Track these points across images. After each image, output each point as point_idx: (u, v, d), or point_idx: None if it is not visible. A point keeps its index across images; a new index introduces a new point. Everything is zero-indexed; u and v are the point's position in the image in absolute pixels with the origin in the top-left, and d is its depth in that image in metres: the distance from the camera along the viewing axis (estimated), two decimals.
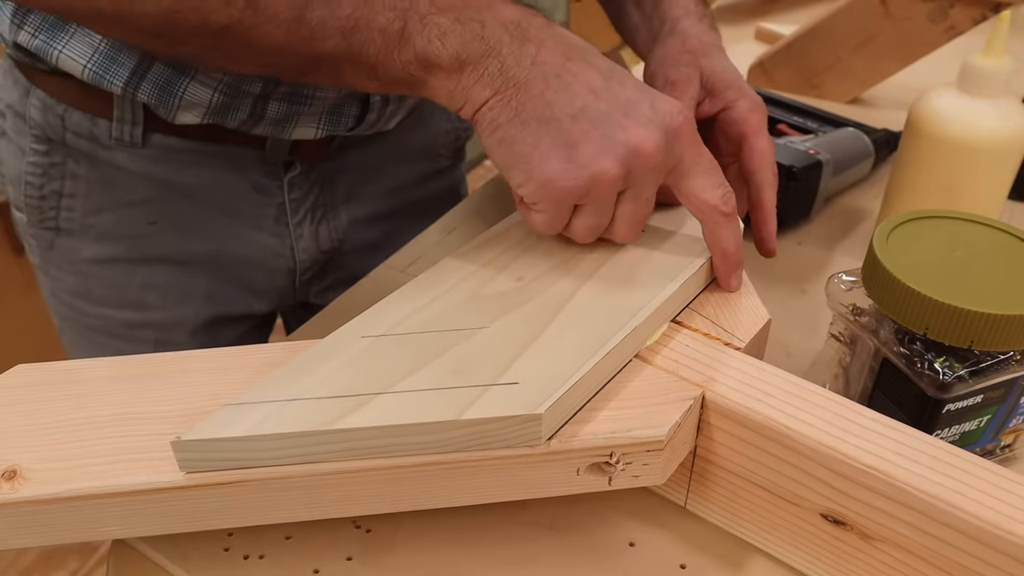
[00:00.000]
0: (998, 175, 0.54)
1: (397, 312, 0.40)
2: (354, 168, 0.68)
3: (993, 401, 0.40)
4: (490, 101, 0.40)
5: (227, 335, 0.71)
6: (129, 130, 0.59)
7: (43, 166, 0.61)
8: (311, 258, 0.69)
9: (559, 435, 0.35)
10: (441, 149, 0.75)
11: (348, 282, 0.72)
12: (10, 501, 0.33)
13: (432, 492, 0.35)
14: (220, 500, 0.35)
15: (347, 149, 0.66)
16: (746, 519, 0.39)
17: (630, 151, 0.38)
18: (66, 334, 0.72)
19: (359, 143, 0.67)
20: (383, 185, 0.71)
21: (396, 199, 0.73)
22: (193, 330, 0.69)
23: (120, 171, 0.61)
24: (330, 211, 0.68)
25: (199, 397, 0.38)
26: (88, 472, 0.34)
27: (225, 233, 0.65)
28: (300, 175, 0.65)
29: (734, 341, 0.40)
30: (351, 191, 0.69)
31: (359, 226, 0.71)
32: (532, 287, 0.41)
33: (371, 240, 0.72)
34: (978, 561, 0.32)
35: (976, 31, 0.74)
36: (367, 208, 0.71)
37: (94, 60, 0.54)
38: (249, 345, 0.41)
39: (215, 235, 0.65)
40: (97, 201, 0.62)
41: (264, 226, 0.66)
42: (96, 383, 0.39)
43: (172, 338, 0.69)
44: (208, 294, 0.68)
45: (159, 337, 0.69)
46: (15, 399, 0.38)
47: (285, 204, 0.65)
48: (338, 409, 0.34)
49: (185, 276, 0.66)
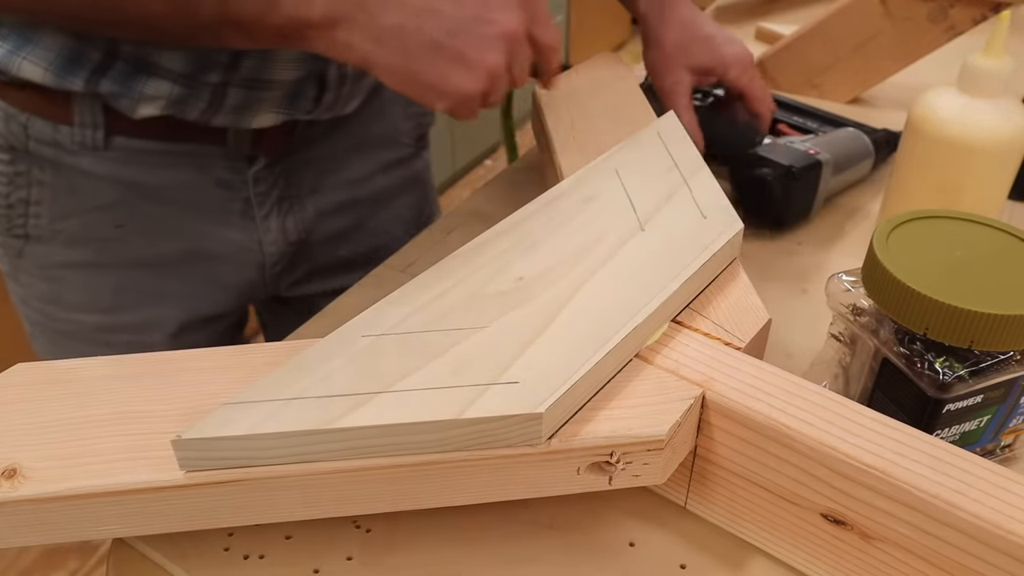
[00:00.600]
0: (998, 175, 0.54)
1: (397, 312, 0.40)
2: (317, 160, 0.69)
3: (993, 401, 0.40)
4: (374, 51, 0.46)
5: (202, 336, 0.72)
6: (91, 134, 0.59)
7: (8, 175, 0.61)
8: (280, 251, 0.70)
9: (559, 434, 0.35)
10: (403, 137, 0.76)
11: (318, 273, 0.75)
12: (10, 499, 0.33)
13: (432, 491, 0.35)
14: (220, 499, 0.35)
15: (309, 141, 0.67)
16: (746, 519, 0.39)
17: (506, 39, 0.47)
18: (38, 340, 0.72)
19: (321, 135, 0.68)
20: (347, 175, 0.72)
21: (360, 188, 0.74)
22: (166, 332, 0.69)
23: (85, 176, 0.61)
24: (296, 203, 0.69)
25: (199, 396, 0.38)
26: (88, 471, 0.34)
27: (193, 232, 0.66)
28: (264, 169, 0.65)
29: (734, 341, 0.40)
30: (316, 182, 0.70)
31: (325, 217, 0.72)
32: (532, 287, 0.41)
33: (338, 230, 0.74)
34: (978, 561, 0.32)
35: (976, 31, 0.74)
36: (332, 198, 0.72)
37: (56, 63, 0.55)
38: (248, 344, 0.41)
39: (183, 234, 0.66)
40: (64, 207, 0.63)
41: (231, 222, 0.66)
42: (96, 382, 0.39)
43: (145, 340, 0.69)
44: (180, 295, 0.68)
45: (132, 340, 0.69)
46: (15, 398, 0.38)
47: (251, 199, 0.66)
48: (338, 408, 0.34)
49: (156, 278, 0.67)
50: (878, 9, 0.77)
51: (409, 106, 0.76)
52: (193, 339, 0.71)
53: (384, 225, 0.77)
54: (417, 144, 0.79)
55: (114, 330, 0.68)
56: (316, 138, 0.68)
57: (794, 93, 0.86)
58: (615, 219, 0.46)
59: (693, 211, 0.47)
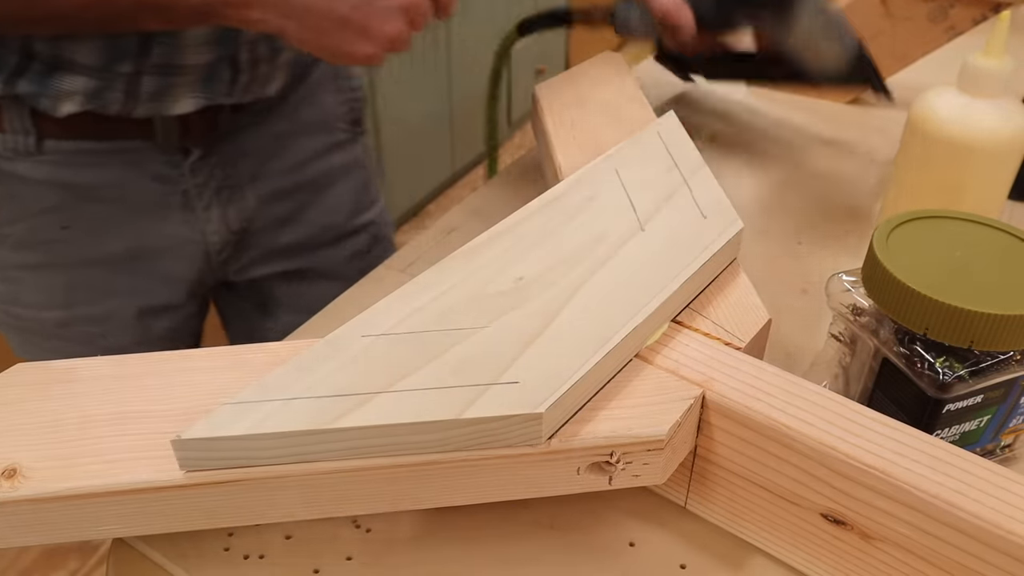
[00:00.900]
0: (998, 175, 0.54)
1: (397, 312, 0.40)
2: (252, 149, 0.70)
3: (993, 401, 0.40)
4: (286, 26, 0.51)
5: (160, 325, 0.74)
6: (23, 140, 0.60)
7: None
8: (223, 239, 0.72)
9: (559, 434, 0.35)
10: (337, 122, 0.78)
11: (264, 258, 0.77)
12: (10, 499, 0.33)
13: (432, 491, 0.35)
14: (220, 499, 0.35)
15: (241, 130, 0.68)
16: (746, 519, 0.39)
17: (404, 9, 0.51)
18: (10, 339, 0.74)
19: (251, 123, 0.69)
20: (283, 162, 0.73)
21: (298, 174, 0.75)
22: (124, 323, 0.72)
23: (24, 181, 0.63)
24: (235, 192, 0.71)
25: (199, 396, 0.38)
26: (88, 471, 0.34)
27: (136, 228, 0.67)
28: (199, 160, 0.67)
29: (734, 341, 0.40)
30: (253, 171, 0.71)
31: (266, 204, 0.73)
32: (532, 287, 0.41)
33: (280, 216, 0.75)
34: (978, 561, 0.32)
35: (976, 31, 0.74)
36: (271, 186, 0.73)
37: None
38: (248, 345, 0.41)
39: (127, 232, 0.67)
40: (9, 213, 0.64)
41: (172, 216, 0.68)
42: (95, 382, 0.39)
43: (106, 332, 0.71)
44: (131, 289, 0.70)
45: (93, 331, 0.71)
46: (15, 398, 0.38)
47: (189, 191, 0.67)
48: (338, 408, 0.34)
49: (107, 274, 0.69)
50: (878, 9, 0.77)
51: (340, 92, 0.77)
52: (153, 327, 0.73)
53: (326, 209, 0.79)
54: (353, 129, 0.80)
55: (74, 324, 0.71)
56: (247, 126, 0.69)
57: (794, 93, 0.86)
58: (615, 219, 0.46)
59: (693, 211, 0.47)
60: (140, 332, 0.73)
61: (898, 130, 0.58)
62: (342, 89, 0.77)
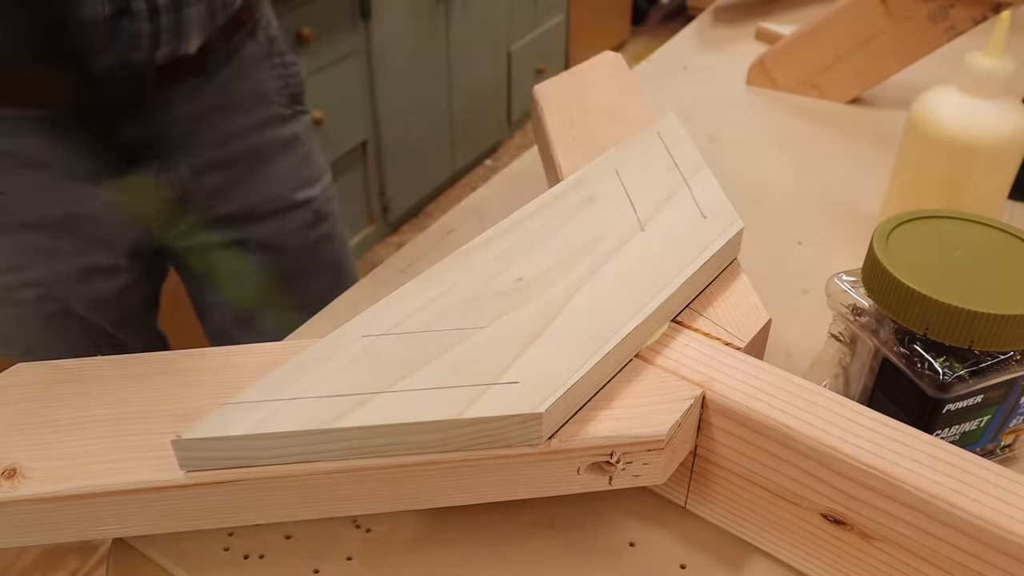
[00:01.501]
0: (998, 175, 0.54)
1: (397, 312, 0.40)
2: (181, 120, 0.71)
3: (993, 401, 0.40)
4: None
5: (107, 286, 0.75)
6: None
7: None
8: (156, 207, 0.73)
9: (559, 434, 0.35)
10: (273, 97, 0.78)
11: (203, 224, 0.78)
12: (10, 499, 0.33)
13: (432, 491, 0.35)
14: (220, 499, 0.35)
15: (171, 104, 0.69)
16: (746, 519, 0.39)
17: None
18: None
19: (182, 96, 0.70)
20: (214, 134, 0.74)
21: (233, 147, 0.76)
22: (71, 285, 0.73)
23: None
24: (166, 162, 0.72)
25: (198, 396, 0.38)
26: (88, 471, 0.34)
27: (70, 194, 0.68)
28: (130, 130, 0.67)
29: (734, 341, 0.40)
30: (183, 142, 0.72)
31: (200, 175, 0.74)
32: (532, 287, 0.41)
33: (214, 187, 0.76)
34: (979, 561, 0.32)
35: (976, 31, 0.74)
36: (203, 157, 0.74)
37: None
38: (248, 345, 0.41)
39: (61, 198, 0.68)
40: None
41: (103, 183, 0.69)
42: (95, 382, 0.39)
43: (52, 294, 0.73)
44: (74, 251, 0.72)
45: (40, 294, 0.72)
46: (15, 398, 0.38)
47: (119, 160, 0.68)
48: (339, 408, 0.34)
49: (47, 237, 0.70)
50: (878, 9, 0.77)
51: (273, 68, 0.78)
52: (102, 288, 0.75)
53: (264, 182, 0.80)
54: (292, 105, 0.81)
55: (21, 288, 0.72)
56: (177, 100, 0.70)
57: (794, 93, 0.86)
58: (615, 219, 0.46)
59: (693, 211, 0.47)
60: (90, 293, 0.75)
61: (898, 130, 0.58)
62: (275, 66, 0.78)
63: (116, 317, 0.79)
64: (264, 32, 0.77)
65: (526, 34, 2.55)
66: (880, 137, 0.77)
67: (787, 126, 0.81)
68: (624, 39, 3.32)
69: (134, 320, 0.82)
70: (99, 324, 0.77)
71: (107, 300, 0.76)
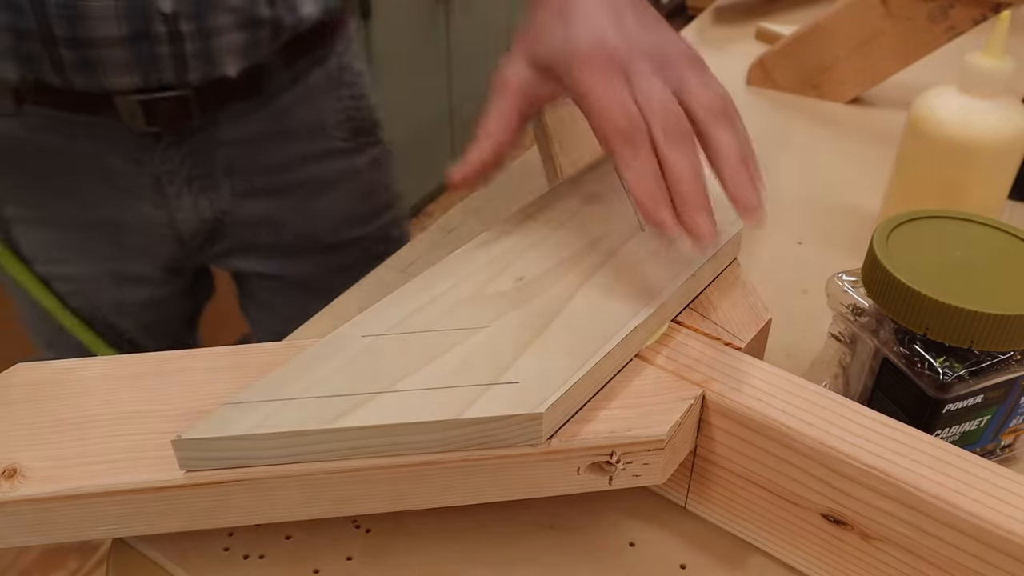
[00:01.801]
0: (998, 175, 0.54)
1: (398, 311, 0.40)
2: (231, 142, 0.69)
3: (993, 401, 0.40)
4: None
5: (137, 295, 0.75)
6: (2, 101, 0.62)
7: None
8: (194, 228, 0.71)
9: (559, 434, 0.35)
10: (332, 130, 0.75)
11: (241, 250, 0.76)
12: (10, 499, 0.33)
13: (432, 491, 0.35)
14: (220, 499, 0.35)
15: (219, 123, 0.67)
16: (746, 518, 0.39)
17: None
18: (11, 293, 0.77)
19: (231, 117, 0.68)
20: (265, 161, 0.72)
21: (282, 176, 0.73)
22: (100, 286, 0.73)
23: (8, 139, 0.64)
24: (208, 183, 0.70)
25: (198, 396, 0.38)
26: (88, 471, 0.34)
27: (109, 200, 0.68)
28: (171, 147, 0.66)
29: (734, 341, 0.40)
30: (230, 165, 0.70)
31: (243, 199, 0.72)
32: (532, 287, 0.41)
33: (259, 214, 0.74)
34: (979, 561, 0.32)
35: (976, 31, 0.74)
36: (249, 182, 0.72)
37: None
38: (248, 344, 0.41)
39: (102, 202, 0.68)
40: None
41: (143, 195, 0.68)
42: (95, 382, 0.39)
43: (84, 292, 0.73)
44: (107, 255, 0.72)
45: (71, 290, 0.73)
46: (15, 398, 0.38)
47: (160, 175, 0.67)
48: (338, 408, 0.34)
49: (83, 237, 0.70)
50: (878, 9, 0.77)
51: (340, 100, 0.75)
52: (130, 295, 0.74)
53: (313, 215, 0.77)
54: (355, 139, 0.78)
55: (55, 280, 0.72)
56: (226, 120, 0.68)
57: (794, 93, 0.86)
58: (616, 219, 0.46)
59: None
60: (117, 297, 0.74)
61: (898, 130, 0.58)
62: (342, 97, 0.75)
63: (143, 325, 0.78)
64: (337, 60, 0.74)
65: None
66: (880, 137, 0.77)
67: (787, 126, 0.81)
68: None
69: (164, 332, 0.81)
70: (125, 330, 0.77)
71: (135, 308, 0.75)
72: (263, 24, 0.63)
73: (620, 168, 0.38)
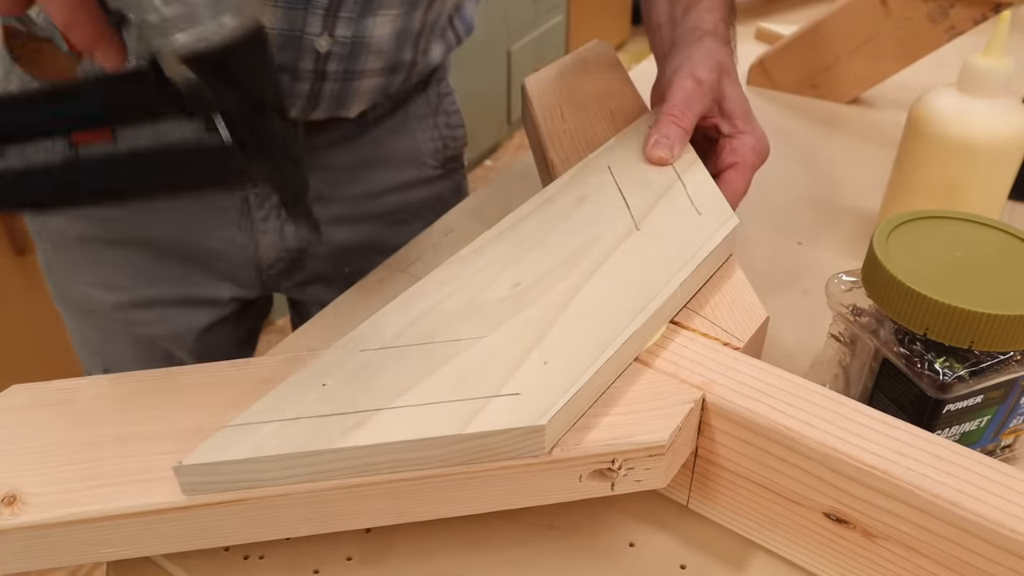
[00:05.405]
0: (998, 175, 0.54)
1: (395, 323, 0.39)
2: (325, 169, 0.67)
3: (993, 401, 0.40)
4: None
5: (198, 319, 0.73)
6: None
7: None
8: (276, 255, 0.70)
9: (561, 443, 0.35)
10: (426, 158, 0.74)
11: (320, 280, 0.74)
12: (11, 527, 0.33)
13: (435, 504, 0.35)
14: (223, 518, 0.34)
15: (314, 148, 0.66)
16: (748, 517, 0.39)
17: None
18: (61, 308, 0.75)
19: (330, 144, 0.66)
20: (357, 189, 0.70)
21: (372, 204, 0.72)
22: (163, 310, 0.71)
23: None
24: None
25: (197, 414, 0.37)
26: (89, 495, 0.34)
27: (190, 222, 0.66)
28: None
29: (733, 341, 0.40)
30: (321, 192, 0.69)
31: (330, 228, 0.71)
32: (529, 293, 0.41)
33: (345, 243, 0.72)
34: (982, 558, 0.32)
35: (976, 31, 0.74)
36: (338, 210, 0.70)
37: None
38: (245, 359, 0.41)
39: (181, 223, 0.66)
40: None
41: (228, 219, 0.66)
42: (93, 402, 0.38)
43: (144, 319, 0.71)
44: (176, 277, 0.70)
45: (131, 318, 0.71)
46: (12, 421, 0.38)
47: (249, 199, 0.66)
48: (340, 427, 0.34)
49: (153, 258, 0.68)
50: (878, 9, 0.77)
51: (437, 128, 0.74)
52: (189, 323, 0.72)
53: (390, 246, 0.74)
54: (444, 166, 0.76)
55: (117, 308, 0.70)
56: (324, 147, 0.66)
57: (794, 93, 0.86)
58: (610, 219, 0.46)
59: (688, 208, 0.47)
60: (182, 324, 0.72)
61: (898, 130, 0.58)
62: (439, 125, 0.74)
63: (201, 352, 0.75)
64: (437, 86, 0.73)
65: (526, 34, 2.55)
66: (880, 137, 0.77)
67: (787, 126, 0.81)
68: (624, 39, 3.32)
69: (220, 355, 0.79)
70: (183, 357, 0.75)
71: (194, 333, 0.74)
72: (402, 69, 0.62)
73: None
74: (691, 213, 0.46)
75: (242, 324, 0.78)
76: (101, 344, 0.75)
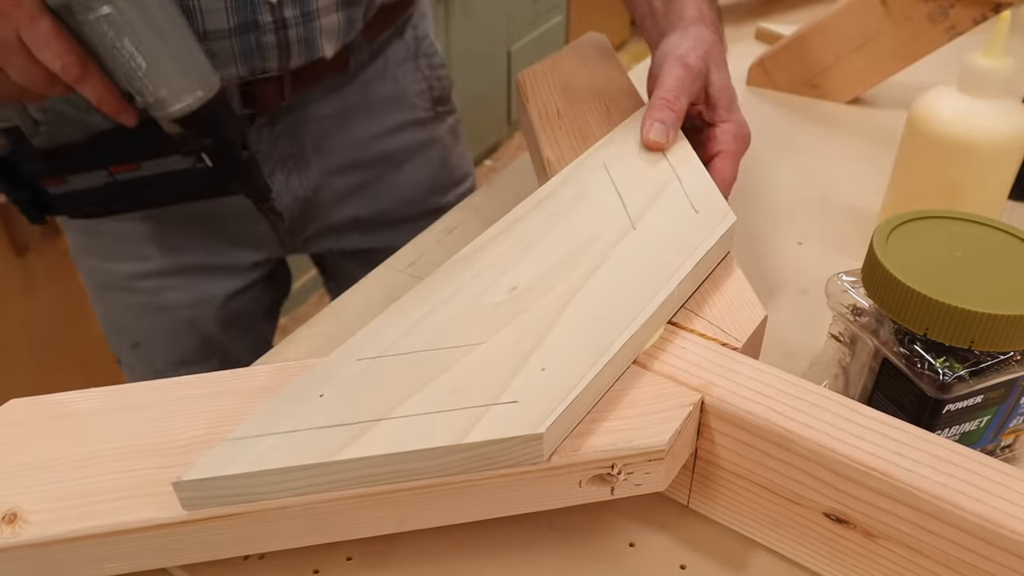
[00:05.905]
0: (998, 175, 0.54)
1: (391, 331, 0.39)
2: (318, 119, 0.70)
3: (993, 401, 0.40)
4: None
5: (223, 285, 0.76)
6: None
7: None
8: (287, 208, 0.73)
9: (560, 450, 0.35)
10: (414, 99, 0.77)
11: (331, 231, 0.78)
12: (12, 545, 0.33)
13: (436, 512, 0.35)
14: (224, 531, 0.34)
15: (309, 101, 0.69)
16: (748, 517, 0.39)
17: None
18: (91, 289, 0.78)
19: (321, 94, 0.69)
20: (351, 135, 0.73)
21: (368, 149, 0.75)
22: (187, 277, 0.74)
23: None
24: (300, 162, 0.71)
25: (196, 425, 0.37)
26: (89, 511, 0.34)
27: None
28: (264, 127, 0.67)
29: (731, 341, 0.40)
30: (319, 142, 0.71)
31: (332, 176, 0.74)
32: (526, 297, 0.40)
33: (345, 189, 0.76)
34: (982, 559, 0.32)
35: (976, 31, 0.74)
36: (337, 158, 0.74)
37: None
38: (241, 369, 0.41)
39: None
40: None
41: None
42: (91, 416, 0.38)
43: (170, 285, 0.74)
44: (197, 245, 0.73)
45: (158, 286, 0.74)
46: (10, 437, 0.38)
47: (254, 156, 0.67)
48: (339, 439, 0.33)
49: (178, 227, 0.71)
50: (878, 9, 0.77)
51: (419, 70, 0.76)
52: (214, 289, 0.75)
53: (395, 186, 0.79)
54: (435, 107, 0.79)
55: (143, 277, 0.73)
56: (316, 98, 0.69)
57: (794, 93, 0.86)
58: (606, 218, 0.46)
59: (684, 205, 0.46)
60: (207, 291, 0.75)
61: (898, 130, 0.58)
62: (421, 67, 0.77)
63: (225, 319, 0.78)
64: (413, 31, 0.76)
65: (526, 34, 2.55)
66: (880, 137, 0.77)
67: (787, 126, 0.81)
68: (624, 39, 3.32)
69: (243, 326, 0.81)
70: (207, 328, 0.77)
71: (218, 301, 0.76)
72: (358, 2, 0.65)
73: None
74: (688, 211, 0.46)
75: (264, 295, 0.81)
76: (129, 320, 0.77)
